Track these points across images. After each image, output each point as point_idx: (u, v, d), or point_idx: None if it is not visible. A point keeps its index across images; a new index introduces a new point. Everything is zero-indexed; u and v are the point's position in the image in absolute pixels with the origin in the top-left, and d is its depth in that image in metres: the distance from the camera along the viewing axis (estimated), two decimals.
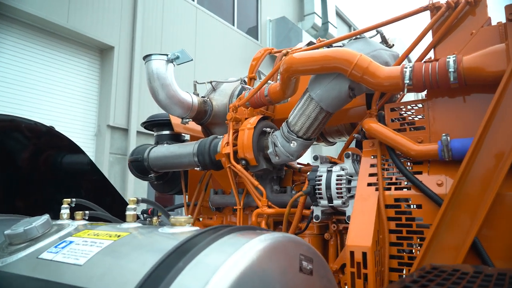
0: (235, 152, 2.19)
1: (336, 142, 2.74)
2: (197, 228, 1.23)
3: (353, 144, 2.17)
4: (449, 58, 1.52)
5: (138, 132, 7.88)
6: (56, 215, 1.56)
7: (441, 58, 1.57)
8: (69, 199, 1.69)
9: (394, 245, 1.57)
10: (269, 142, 2.14)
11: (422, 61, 1.67)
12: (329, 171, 1.80)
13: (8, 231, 1.34)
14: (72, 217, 1.59)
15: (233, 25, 11.39)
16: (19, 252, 1.27)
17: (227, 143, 2.20)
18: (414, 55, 1.95)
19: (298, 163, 2.54)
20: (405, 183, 1.62)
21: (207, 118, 2.67)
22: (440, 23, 1.74)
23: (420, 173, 1.61)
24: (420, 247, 1.57)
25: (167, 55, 2.46)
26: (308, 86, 1.95)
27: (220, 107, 2.68)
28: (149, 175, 2.76)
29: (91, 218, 1.66)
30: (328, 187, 1.77)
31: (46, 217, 1.43)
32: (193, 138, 3.00)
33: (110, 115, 7.56)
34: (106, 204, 2.37)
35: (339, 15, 16.05)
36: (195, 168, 2.43)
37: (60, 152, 2.67)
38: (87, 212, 1.60)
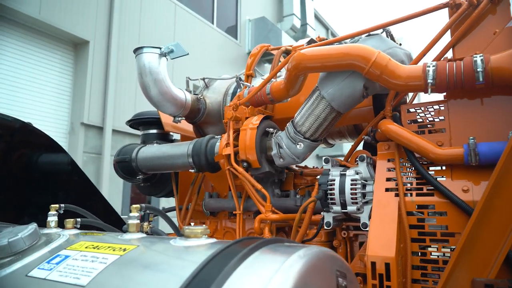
0: (236, 154, 2.05)
1: (335, 144, 2.64)
2: (214, 239, 1.08)
3: (360, 147, 2.08)
4: (476, 57, 1.44)
5: (114, 131, 7.56)
6: (34, 221, 1.36)
7: (466, 58, 1.48)
8: (57, 205, 1.49)
9: (416, 254, 1.47)
10: (272, 143, 2.01)
11: (444, 60, 1.58)
12: (342, 175, 1.69)
13: None
14: (60, 225, 1.41)
15: (213, 23, 11.20)
16: (4, 269, 1.08)
17: (227, 143, 2.05)
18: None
19: (298, 166, 2.42)
20: (425, 188, 1.52)
21: (200, 116, 2.51)
22: (459, 21, 1.67)
23: (441, 178, 1.52)
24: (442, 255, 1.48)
25: (160, 48, 2.29)
26: (318, 85, 1.83)
27: (214, 105, 2.53)
28: (137, 177, 2.57)
29: (82, 227, 1.47)
30: (341, 192, 1.65)
31: (33, 226, 1.24)
32: (183, 138, 2.83)
33: (84, 112, 7.22)
34: (89, 209, 2.17)
35: (317, 17, 16.15)
36: (190, 170, 2.27)
37: (38, 151, 2.44)
38: (78, 219, 1.41)
